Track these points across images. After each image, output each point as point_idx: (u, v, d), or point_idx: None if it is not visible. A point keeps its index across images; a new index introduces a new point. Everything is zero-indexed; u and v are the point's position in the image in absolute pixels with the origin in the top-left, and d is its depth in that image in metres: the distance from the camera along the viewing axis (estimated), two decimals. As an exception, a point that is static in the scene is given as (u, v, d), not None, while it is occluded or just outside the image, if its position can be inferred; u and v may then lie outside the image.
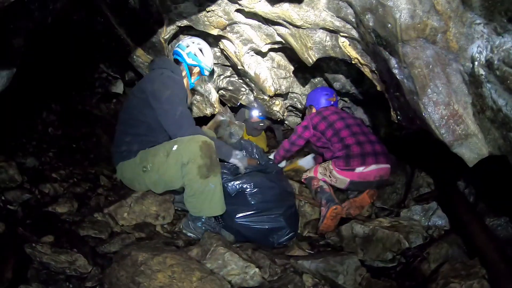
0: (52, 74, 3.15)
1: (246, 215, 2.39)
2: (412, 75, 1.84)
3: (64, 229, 2.08)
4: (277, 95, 3.14)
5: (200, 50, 2.55)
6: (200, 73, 2.62)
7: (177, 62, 2.55)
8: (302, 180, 2.92)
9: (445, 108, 1.81)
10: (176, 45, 2.58)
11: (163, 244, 2.17)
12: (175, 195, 2.62)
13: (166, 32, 2.66)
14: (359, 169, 2.56)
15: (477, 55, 1.55)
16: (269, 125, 4.13)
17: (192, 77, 2.61)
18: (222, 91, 3.37)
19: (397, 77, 1.96)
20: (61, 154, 2.80)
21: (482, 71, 1.54)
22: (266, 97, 3.15)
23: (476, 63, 1.55)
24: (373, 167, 2.56)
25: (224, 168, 2.50)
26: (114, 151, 2.42)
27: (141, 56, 2.86)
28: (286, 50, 2.72)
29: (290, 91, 3.27)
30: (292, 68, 3.08)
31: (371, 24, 1.92)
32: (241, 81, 3.29)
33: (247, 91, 3.36)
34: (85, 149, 2.96)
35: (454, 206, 2.22)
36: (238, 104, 3.55)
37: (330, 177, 2.69)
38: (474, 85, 1.64)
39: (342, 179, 2.64)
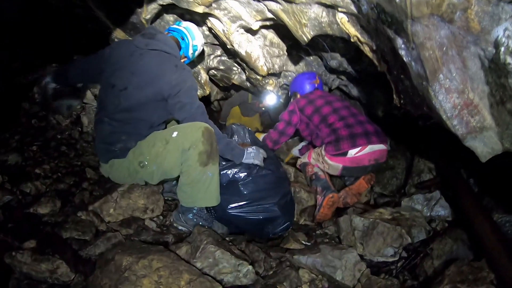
0: (33, 63, 2.78)
1: (239, 205, 2.16)
2: (421, 57, 1.50)
3: (46, 232, 1.86)
4: (270, 74, 2.79)
5: (201, 47, 2.32)
6: (183, 63, 2.31)
7: (172, 38, 2.20)
8: (297, 166, 2.64)
9: (458, 97, 1.50)
10: (182, 25, 2.22)
11: (151, 241, 1.96)
12: (164, 184, 2.37)
13: (147, 12, 2.27)
14: (351, 153, 2.28)
15: (503, 39, 1.21)
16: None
17: None
18: (213, 71, 3.01)
19: (404, 58, 1.62)
20: (45, 146, 2.52)
21: (509, 59, 1.21)
22: (258, 77, 2.79)
23: (502, 49, 1.23)
24: (366, 150, 2.28)
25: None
26: (103, 148, 2.07)
27: (123, 39, 2.47)
28: (279, 27, 2.35)
29: (284, 69, 2.91)
30: (285, 46, 2.69)
31: (374, -3, 1.55)
32: (232, 60, 2.92)
33: (239, 70, 3.00)
34: (70, 140, 2.66)
35: (458, 197, 1.96)
36: (231, 84, 3.19)
37: (323, 163, 2.42)
38: (495, 74, 1.32)
39: (334, 165, 2.37)
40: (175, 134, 1.94)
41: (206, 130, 1.94)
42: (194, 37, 2.25)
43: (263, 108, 3.64)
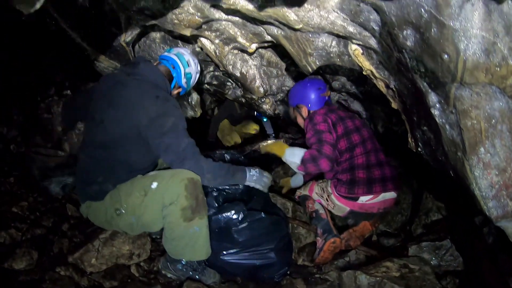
0: (13, 80, 2.26)
1: (233, 252, 1.79)
2: (461, 125, 1.08)
3: (23, 295, 1.50)
4: (267, 95, 2.32)
5: (196, 74, 1.87)
6: (179, 94, 1.88)
7: (162, 67, 1.76)
8: (296, 198, 2.21)
9: (498, 174, 1.11)
10: (173, 52, 1.79)
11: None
12: None
13: (127, 34, 1.76)
14: (363, 200, 1.86)
15: None
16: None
17: (171, 95, 1.83)
18: (206, 85, 2.52)
19: (436, 119, 1.19)
20: (24, 177, 2.07)
21: None
22: (254, 97, 2.32)
23: None
24: (378, 198, 1.85)
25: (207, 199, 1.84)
26: (79, 187, 1.71)
27: (103, 61, 1.96)
28: (278, 45, 1.84)
29: (282, 85, 2.42)
30: (284, 64, 2.20)
31: (409, 43, 1.10)
32: (226, 76, 2.42)
33: (233, 85, 2.51)
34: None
35: (473, 255, 1.61)
36: (225, 98, 2.72)
37: (328, 201, 1.99)
38: None
39: (341, 206, 1.94)
40: (154, 185, 1.55)
41: (190, 182, 1.55)
42: (187, 65, 1.80)
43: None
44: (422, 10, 0.93)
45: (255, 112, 3.09)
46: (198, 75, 1.91)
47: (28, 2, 0.96)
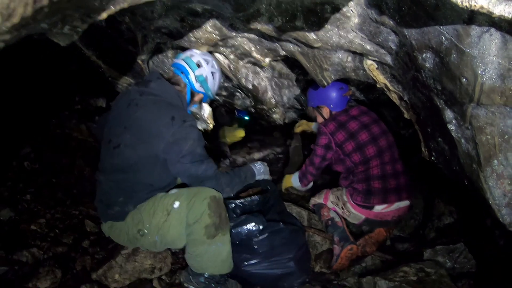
0: (24, 96, 2.32)
1: (254, 263, 1.88)
2: (477, 140, 1.20)
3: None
4: (278, 105, 2.42)
5: (212, 74, 1.83)
6: (201, 101, 1.91)
7: (175, 77, 1.78)
8: (310, 206, 2.32)
9: (510, 183, 1.23)
10: (182, 57, 1.78)
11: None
12: None
13: (143, 52, 1.83)
14: (378, 208, 1.97)
15: None
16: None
17: (191, 104, 1.88)
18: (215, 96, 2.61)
19: (452, 133, 1.31)
20: (40, 193, 2.13)
21: None
22: (265, 107, 2.42)
23: None
24: (393, 207, 1.97)
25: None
26: (101, 208, 1.75)
27: (119, 79, 2.04)
28: (290, 58, 1.94)
29: (293, 95, 2.52)
30: (294, 76, 2.30)
31: (428, 65, 1.22)
32: (236, 87, 2.51)
33: (242, 95, 2.60)
34: (66, 184, 2.27)
35: (486, 257, 1.73)
36: (233, 108, 2.82)
37: (343, 209, 2.10)
38: None
39: (356, 214, 2.05)
40: (176, 204, 1.62)
41: (213, 200, 1.62)
42: (196, 67, 1.78)
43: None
44: (443, 37, 1.04)
45: (236, 113, 3.20)
46: (218, 75, 1.86)
47: (67, 35, 1.04)
